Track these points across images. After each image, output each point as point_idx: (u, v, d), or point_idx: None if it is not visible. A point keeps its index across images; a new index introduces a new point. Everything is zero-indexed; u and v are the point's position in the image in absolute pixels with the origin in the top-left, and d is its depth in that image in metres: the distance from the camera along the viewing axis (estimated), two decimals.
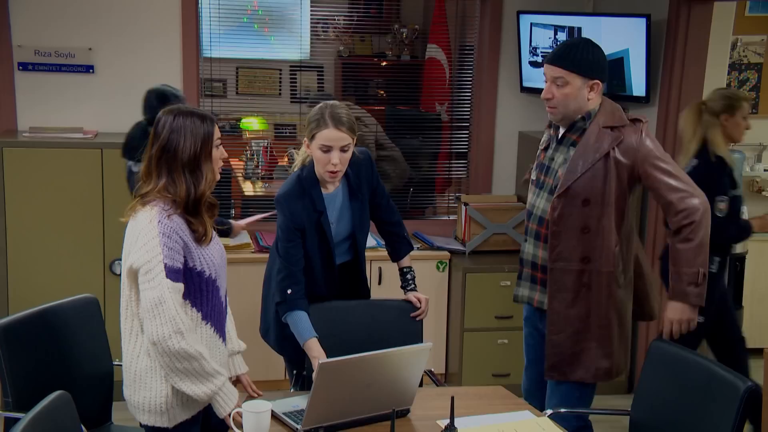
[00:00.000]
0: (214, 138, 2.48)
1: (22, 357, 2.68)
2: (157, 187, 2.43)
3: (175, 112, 2.47)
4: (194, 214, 2.45)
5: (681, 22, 4.25)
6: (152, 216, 2.39)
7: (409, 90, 5.55)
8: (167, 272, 2.36)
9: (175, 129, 2.42)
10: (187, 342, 2.37)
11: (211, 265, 2.50)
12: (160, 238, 2.36)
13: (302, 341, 2.86)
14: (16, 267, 4.14)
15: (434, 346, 4.67)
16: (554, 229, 2.92)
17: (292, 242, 2.94)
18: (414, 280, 3.19)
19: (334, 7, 5.83)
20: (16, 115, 4.39)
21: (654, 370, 2.73)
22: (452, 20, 5.18)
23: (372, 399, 2.49)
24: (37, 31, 4.33)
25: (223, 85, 6.43)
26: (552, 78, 2.89)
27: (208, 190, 2.48)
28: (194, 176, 2.44)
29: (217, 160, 2.50)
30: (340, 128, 2.84)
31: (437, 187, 5.39)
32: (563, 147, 2.96)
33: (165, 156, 2.44)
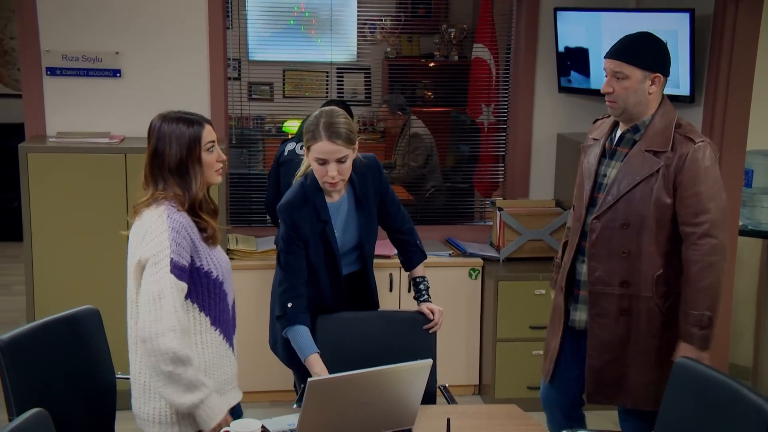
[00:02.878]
0: (203, 142, 2.43)
1: (25, 372, 2.60)
2: (152, 193, 2.41)
3: (164, 118, 2.44)
4: (195, 214, 2.43)
5: (728, 16, 3.99)
6: (160, 212, 2.36)
7: (456, 91, 5.40)
8: (172, 267, 2.30)
9: (161, 135, 2.42)
10: (179, 343, 2.28)
11: (218, 267, 2.46)
12: (169, 232, 2.32)
13: (303, 357, 2.74)
14: (41, 272, 4.13)
15: (467, 356, 4.56)
16: (592, 252, 2.89)
17: (293, 254, 2.83)
18: (428, 290, 3.04)
19: (382, 8, 5.73)
20: (45, 120, 4.39)
21: (678, 391, 2.54)
22: (499, 19, 5.01)
23: (368, 419, 2.35)
24: (65, 36, 4.33)
25: (269, 88, 6.41)
26: (612, 72, 2.85)
27: (200, 193, 2.45)
28: (184, 181, 2.41)
29: (210, 164, 2.45)
30: (334, 141, 2.72)
31: (481, 192, 5.22)
32: (615, 162, 2.91)
33: (155, 162, 2.43)
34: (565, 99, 4.74)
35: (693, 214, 2.77)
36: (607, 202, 2.85)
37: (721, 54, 4.02)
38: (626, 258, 2.84)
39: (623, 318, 2.88)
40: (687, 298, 2.79)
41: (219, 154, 2.48)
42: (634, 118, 2.88)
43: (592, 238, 2.88)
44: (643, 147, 2.84)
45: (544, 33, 4.69)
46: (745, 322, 4.64)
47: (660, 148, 2.81)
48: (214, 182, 2.50)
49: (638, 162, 2.83)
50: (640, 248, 2.83)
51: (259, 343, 3.97)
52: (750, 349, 4.65)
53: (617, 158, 2.91)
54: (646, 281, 2.84)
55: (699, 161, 2.77)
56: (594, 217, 2.87)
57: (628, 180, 2.83)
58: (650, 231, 2.81)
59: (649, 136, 2.84)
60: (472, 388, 4.61)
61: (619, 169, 2.86)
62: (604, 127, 3.03)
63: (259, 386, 4.35)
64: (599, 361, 2.93)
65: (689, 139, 2.80)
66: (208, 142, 2.44)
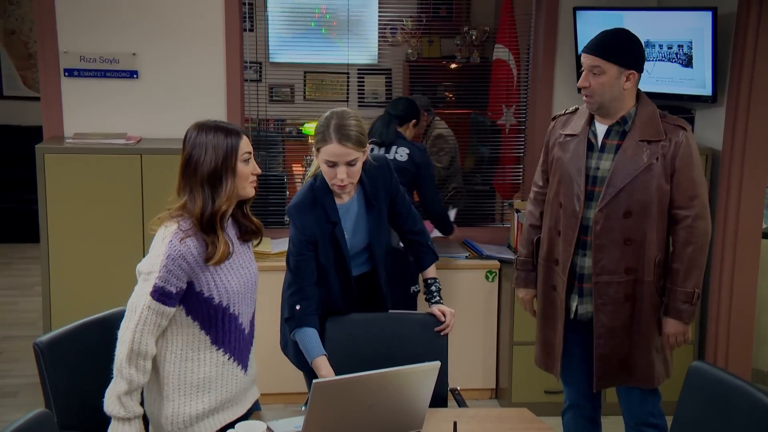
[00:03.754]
0: (240, 152, 2.39)
1: (65, 374, 2.60)
2: (180, 203, 2.40)
3: (201, 126, 2.41)
4: (210, 231, 2.36)
5: (752, 14, 3.91)
6: (166, 234, 2.36)
7: (477, 93, 5.36)
8: (153, 290, 2.32)
9: (198, 144, 2.38)
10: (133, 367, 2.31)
11: (223, 292, 2.41)
12: (164, 258, 2.32)
13: (310, 359, 2.71)
14: (58, 275, 4.14)
15: (483, 360, 4.51)
16: (597, 243, 2.93)
17: (302, 255, 2.80)
18: (439, 292, 3.00)
19: (402, 10, 5.71)
20: (63, 122, 4.40)
21: (693, 395, 2.49)
22: (520, 20, 4.96)
23: (375, 422, 2.32)
24: (83, 37, 4.34)
25: (290, 90, 6.41)
26: (589, 67, 2.90)
27: (226, 204, 2.38)
28: (214, 190, 2.36)
29: (245, 176, 2.42)
30: (344, 144, 2.68)
31: (503, 192, 5.17)
32: (607, 154, 2.95)
33: (186, 171, 2.40)
34: None
35: (688, 198, 2.89)
36: (609, 193, 2.89)
37: (744, 53, 3.95)
38: (630, 246, 2.91)
39: (628, 303, 2.96)
40: (679, 276, 2.91)
41: (254, 167, 2.45)
42: (611, 113, 2.94)
43: (597, 230, 2.91)
44: (636, 138, 2.90)
45: (563, 33, 4.63)
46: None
47: (654, 137, 2.89)
48: (248, 195, 2.46)
49: (635, 152, 2.89)
50: (644, 235, 2.90)
51: (273, 344, 3.93)
52: None
53: (608, 150, 2.95)
54: (648, 266, 2.93)
55: (691, 147, 2.90)
56: (598, 210, 2.90)
57: (628, 170, 2.88)
58: (652, 218, 2.89)
59: (639, 127, 2.91)
60: (488, 392, 4.56)
61: (616, 160, 2.90)
62: (579, 123, 3.04)
63: (273, 388, 4.34)
64: (606, 348, 2.98)
65: (679, 126, 2.92)
66: (245, 152, 2.41)
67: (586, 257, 2.96)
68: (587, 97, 2.92)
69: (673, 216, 2.92)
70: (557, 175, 3.04)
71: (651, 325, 2.98)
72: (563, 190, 3.00)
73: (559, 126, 3.11)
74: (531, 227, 3.21)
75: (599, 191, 2.92)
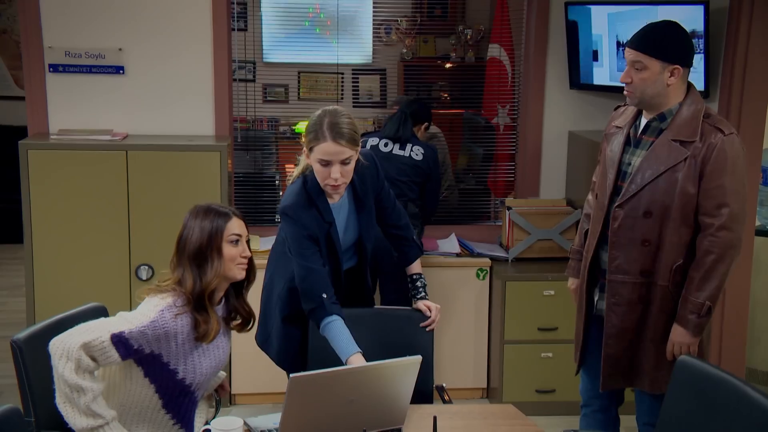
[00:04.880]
0: (226, 234, 2.45)
1: (43, 372, 2.49)
2: (173, 278, 2.46)
3: (194, 210, 2.50)
4: (200, 309, 2.41)
5: (744, 8, 3.86)
6: (159, 303, 2.39)
7: (472, 92, 5.31)
8: (117, 333, 2.30)
9: (188, 225, 2.48)
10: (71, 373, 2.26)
11: (196, 375, 2.44)
12: (148, 323, 2.33)
13: (344, 357, 2.60)
14: (42, 271, 4.09)
15: (474, 359, 4.45)
16: (614, 240, 2.86)
17: (310, 249, 2.74)
18: (425, 287, 2.95)
19: (397, 9, 5.67)
20: (47, 118, 4.35)
21: (680, 389, 2.44)
22: (515, 18, 4.92)
23: (355, 417, 2.26)
24: (68, 32, 4.28)
25: (284, 90, 6.36)
26: (631, 62, 2.80)
27: (215, 283, 2.43)
28: (201, 269, 2.42)
29: (232, 257, 2.45)
30: (338, 142, 2.63)
31: (496, 190, 5.12)
32: (640, 150, 2.87)
33: (179, 248, 2.48)
34: (576, 96, 4.63)
35: (715, 206, 2.73)
36: (631, 190, 2.81)
37: (736, 48, 3.89)
38: (647, 247, 2.81)
39: (640, 306, 2.87)
40: (693, 284, 2.77)
41: (244, 249, 2.48)
42: (654, 107, 2.84)
43: (614, 227, 2.85)
44: (669, 136, 2.79)
45: (555, 28, 4.59)
46: (763, 324, 4.49)
47: (688, 137, 2.76)
48: (236, 277, 2.48)
49: (664, 151, 2.78)
50: (662, 238, 2.80)
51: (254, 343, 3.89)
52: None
53: (642, 147, 2.87)
54: (664, 271, 2.82)
55: (727, 152, 2.72)
56: (617, 206, 2.84)
57: (652, 169, 2.78)
58: (673, 221, 2.78)
59: (677, 126, 2.79)
60: (479, 392, 4.51)
61: (644, 157, 2.81)
62: (628, 115, 2.97)
63: (260, 388, 4.29)
64: (614, 348, 2.91)
65: (718, 129, 2.75)
66: (232, 234, 2.46)
67: (607, 252, 2.92)
68: (629, 92, 2.82)
69: (699, 222, 2.77)
70: (601, 166, 3.01)
71: (662, 330, 2.86)
72: (600, 181, 2.98)
73: (615, 117, 3.05)
74: (586, 217, 3.12)
75: (625, 187, 2.87)
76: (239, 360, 4.26)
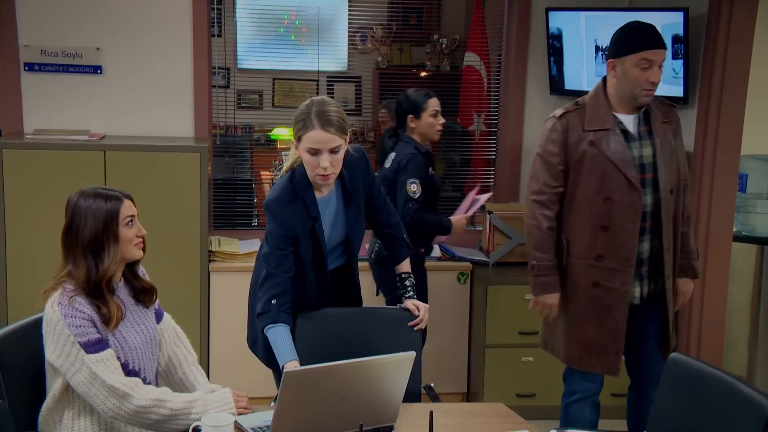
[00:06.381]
0: (121, 217, 2.40)
1: (18, 371, 2.47)
2: (63, 271, 2.40)
3: (82, 193, 2.41)
4: (97, 296, 2.36)
5: (723, 15, 3.90)
6: (53, 300, 2.34)
7: (448, 101, 5.31)
8: (85, 348, 2.29)
9: (77, 211, 2.38)
10: (138, 399, 2.30)
11: (125, 349, 2.40)
12: (64, 319, 2.30)
13: (281, 362, 2.59)
14: (16, 272, 4.00)
15: (455, 363, 4.43)
16: (662, 224, 3.08)
17: (283, 251, 2.70)
18: (414, 287, 2.93)
19: (373, 17, 5.67)
20: (22, 117, 4.27)
21: (672, 387, 2.43)
22: (491, 27, 4.93)
23: (348, 414, 2.22)
24: (44, 31, 4.22)
25: (259, 96, 6.31)
26: (661, 62, 3.03)
27: (113, 269, 2.39)
28: (97, 257, 2.37)
29: (129, 239, 2.42)
30: (327, 129, 2.60)
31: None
32: (644, 141, 3.09)
33: (68, 239, 2.40)
34: (557, 101, 4.63)
35: (686, 169, 3.20)
36: (662, 175, 3.05)
37: (715, 54, 3.94)
38: (675, 221, 3.13)
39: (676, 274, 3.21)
40: (689, 238, 3.21)
41: (139, 229, 2.45)
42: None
43: (661, 212, 3.06)
44: (658, 120, 3.10)
45: (535, 33, 4.61)
46: (739, 330, 4.54)
47: (667, 118, 3.13)
48: (134, 257, 2.45)
49: (665, 134, 3.10)
50: (678, 209, 3.15)
51: (240, 347, 3.82)
52: (744, 358, 4.54)
53: (643, 138, 3.08)
54: (677, 239, 3.16)
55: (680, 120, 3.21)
56: (657, 193, 3.05)
57: (667, 152, 3.07)
58: (679, 191, 3.15)
59: (654, 111, 3.10)
60: (460, 396, 4.49)
61: (657, 145, 3.06)
62: (601, 116, 3.05)
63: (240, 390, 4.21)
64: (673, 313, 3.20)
65: (671, 105, 3.20)
66: (126, 216, 2.41)
67: (644, 242, 3.07)
68: (651, 91, 3.01)
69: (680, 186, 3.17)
70: (597, 171, 3.03)
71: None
72: (610, 184, 3.02)
73: (574, 124, 3.07)
74: (550, 230, 3.11)
75: (650, 177, 3.05)
76: (222, 363, 4.20)
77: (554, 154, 3.07)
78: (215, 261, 4.24)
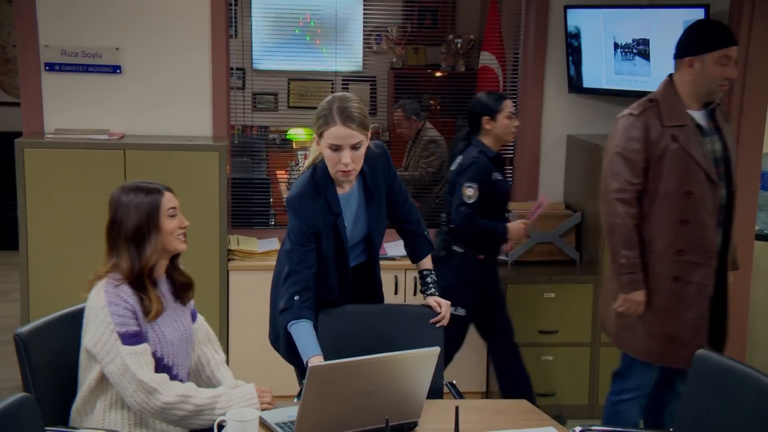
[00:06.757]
0: (163, 208, 2.45)
1: (45, 366, 2.50)
2: (108, 264, 2.45)
3: (123, 188, 2.46)
4: (141, 287, 2.41)
5: (744, 11, 3.88)
6: (99, 287, 2.40)
7: (462, 101, 5.30)
8: (122, 339, 2.34)
9: (120, 206, 2.43)
10: (164, 396, 2.33)
11: (162, 343, 2.43)
12: (108, 307, 2.35)
13: (305, 358, 2.59)
14: (37, 269, 4.02)
15: (474, 362, 4.41)
16: (732, 217, 3.17)
17: (305, 247, 2.69)
18: (435, 284, 2.92)
19: (388, 18, 5.67)
20: (43, 117, 4.28)
21: (699, 384, 2.41)
22: (506, 26, 4.92)
23: (372, 409, 2.22)
24: (64, 31, 4.23)
25: (274, 98, 6.33)
26: (736, 58, 3.12)
27: (154, 259, 2.44)
28: (139, 247, 2.42)
29: (171, 230, 2.46)
30: (349, 125, 2.59)
31: None
32: (714, 136, 3.15)
33: (112, 232, 2.45)
34: (575, 99, 4.63)
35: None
36: (734, 170, 3.15)
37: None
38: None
39: None
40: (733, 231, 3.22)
41: (181, 221, 2.49)
42: None
43: (734, 206, 3.15)
44: (721, 117, 3.20)
45: (554, 31, 4.59)
46: (762, 328, 4.50)
47: (726, 115, 3.27)
48: (177, 249, 2.49)
49: (729, 130, 3.21)
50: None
51: (259, 345, 3.83)
52: (767, 356, 4.51)
53: (712, 133, 3.15)
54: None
55: None
56: (731, 187, 3.13)
57: (732, 147, 3.17)
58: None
59: (717, 107, 3.20)
60: (479, 395, 4.47)
61: (726, 140, 3.15)
62: (677, 112, 3.10)
63: None
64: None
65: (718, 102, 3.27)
66: (169, 208, 2.46)
67: (717, 235, 3.13)
68: (726, 87, 3.12)
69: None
70: (679, 165, 3.06)
71: None
72: (691, 179, 3.06)
73: (653, 120, 3.09)
74: (635, 227, 3.12)
75: (722, 171, 3.11)
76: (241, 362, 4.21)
77: (636, 151, 3.08)
78: (234, 260, 4.25)
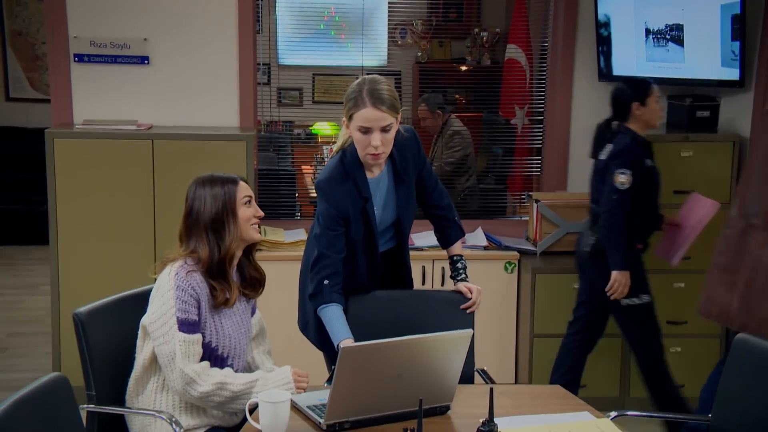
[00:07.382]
0: (238, 197, 2.49)
1: (103, 347, 2.55)
2: (184, 251, 2.48)
3: (198, 181, 2.52)
4: (219, 276, 2.45)
5: None
6: (173, 269, 2.44)
7: (488, 95, 5.27)
8: (180, 325, 2.38)
9: (197, 197, 2.49)
10: (201, 386, 2.37)
11: (219, 336, 2.46)
12: (175, 290, 2.39)
13: (336, 341, 2.58)
14: (67, 259, 4.04)
15: (502, 353, 4.38)
16: None
17: (335, 231, 2.68)
18: (465, 269, 2.89)
19: (413, 12, 5.64)
20: (72, 108, 4.30)
21: (739, 370, 2.36)
22: (534, 17, 4.87)
23: (404, 392, 2.19)
24: (93, 22, 4.25)
25: (299, 93, 6.32)
26: None
27: (234, 248, 2.47)
28: (218, 235, 2.45)
29: (247, 218, 2.50)
30: (379, 107, 2.57)
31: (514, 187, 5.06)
32: None
33: (189, 222, 2.50)
34: (605, 88, 4.55)
35: None
36: None
37: None
38: None
39: None
40: None
41: (256, 210, 2.53)
42: None
43: None
44: None
45: (583, 18, 4.53)
46: None
47: None
48: (253, 238, 2.52)
49: None
50: None
51: (287, 335, 3.82)
52: None
53: None
54: None
55: None
56: None
57: None
58: None
59: None
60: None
61: None
62: None
63: None
64: None
65: None
66: (244, 196, 2.50)
67: None
68: None
69: None
70: None
71: None
72: None
73: None
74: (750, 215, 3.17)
75: None
76: None
77: None
78: (261, 250, 4.24)
